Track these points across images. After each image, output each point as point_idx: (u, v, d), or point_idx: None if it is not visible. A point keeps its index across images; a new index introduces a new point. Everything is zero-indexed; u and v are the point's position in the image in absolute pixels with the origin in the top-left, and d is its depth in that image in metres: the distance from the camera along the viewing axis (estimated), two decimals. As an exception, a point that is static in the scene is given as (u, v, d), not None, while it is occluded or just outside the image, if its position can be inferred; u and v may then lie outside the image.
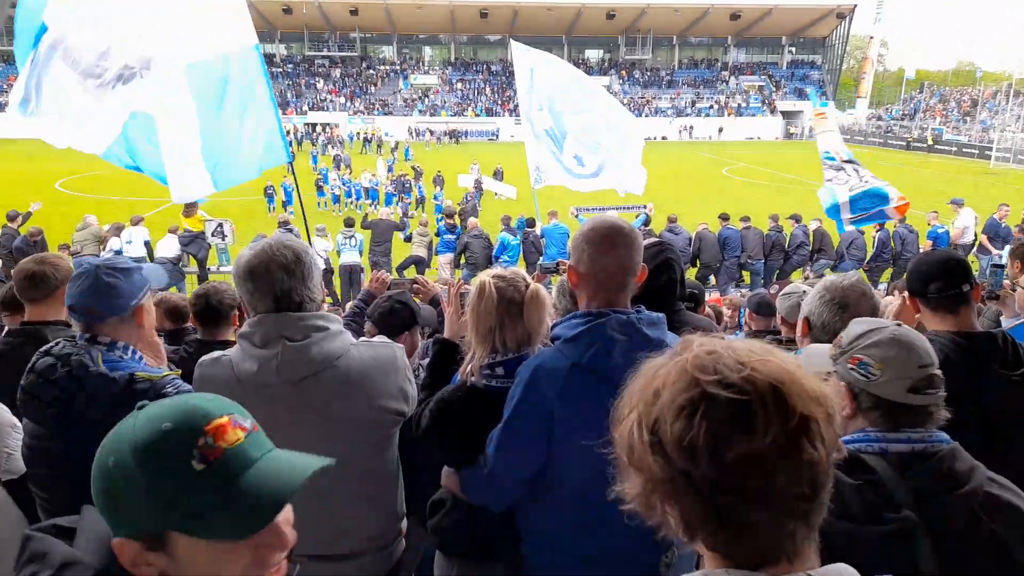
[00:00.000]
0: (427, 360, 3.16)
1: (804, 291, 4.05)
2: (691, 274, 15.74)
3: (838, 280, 2.98)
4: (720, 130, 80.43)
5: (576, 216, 15.33)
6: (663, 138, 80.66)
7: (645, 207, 15.98)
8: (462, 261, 15.97)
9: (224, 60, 6.92)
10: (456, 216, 17.29)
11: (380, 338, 2.84)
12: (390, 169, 39.15)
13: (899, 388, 2.08)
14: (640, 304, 2.59)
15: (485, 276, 2.85)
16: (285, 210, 25.08)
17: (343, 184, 30.19)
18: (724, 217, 16.65)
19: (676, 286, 3.46)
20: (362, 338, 2.78)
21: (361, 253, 15.72)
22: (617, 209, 15.81)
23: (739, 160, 52.35)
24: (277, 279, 2.50)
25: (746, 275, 16.41)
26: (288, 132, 57.70)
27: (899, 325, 2.18)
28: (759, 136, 79.71)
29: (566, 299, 3.38)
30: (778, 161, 51.03)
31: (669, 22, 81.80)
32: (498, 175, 34.45)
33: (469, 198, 25.68)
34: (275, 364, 2.47)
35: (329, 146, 55.10)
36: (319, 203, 29.12)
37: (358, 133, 67.74)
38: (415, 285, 4.59)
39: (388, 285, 4.46)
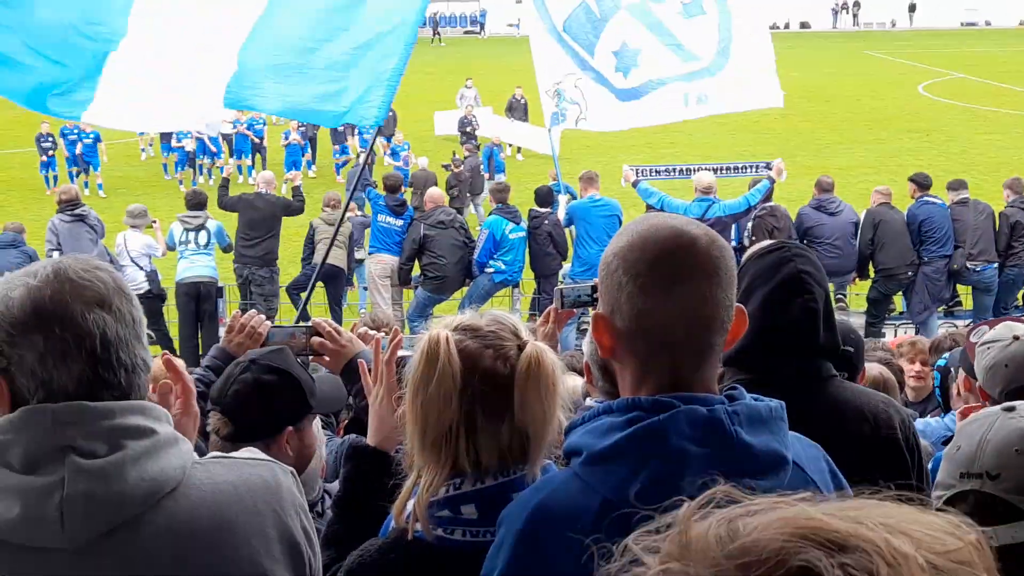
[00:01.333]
0: (336, 485, 2.63)
1: (1016, 338, 3.45)
2: (855, 298, 12.75)
3: None
4: (912, 8, 62.36)
5: (635, 184, 11.61)
6: (803, 25, 63.18)
7: (768, 166, 12.04)
8: (415, 272, 11.64)
9: None
10: (408, 189, 13.51)
11: (247, 450, 2.07)
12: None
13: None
14: (739, 374, 2.22)
15: (440, 328, 2.12)
16: (74, 179, 20.78)
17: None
18: (921, 182, 12.16)
19: (815, 327, 2.74)
20: (213, 452, 2.09)
21: (227, 252, 12.24)
22: (715, 170, 12.58)
23: (946, 66, 40.17)
24: (89, 329, 1.74)
25: (965, 292, 12.64)
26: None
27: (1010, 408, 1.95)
28: (987, 21, 62.17)
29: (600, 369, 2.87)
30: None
31: None
32: (516, 107, 23.97)
33: (470, 153, 17.37)
34: (55, 507, 1.68)
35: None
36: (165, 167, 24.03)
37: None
38: (315, 337, 3.33)
39: (264, 338, 3.54)
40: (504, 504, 1.91)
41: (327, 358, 3.45)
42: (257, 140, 24.04)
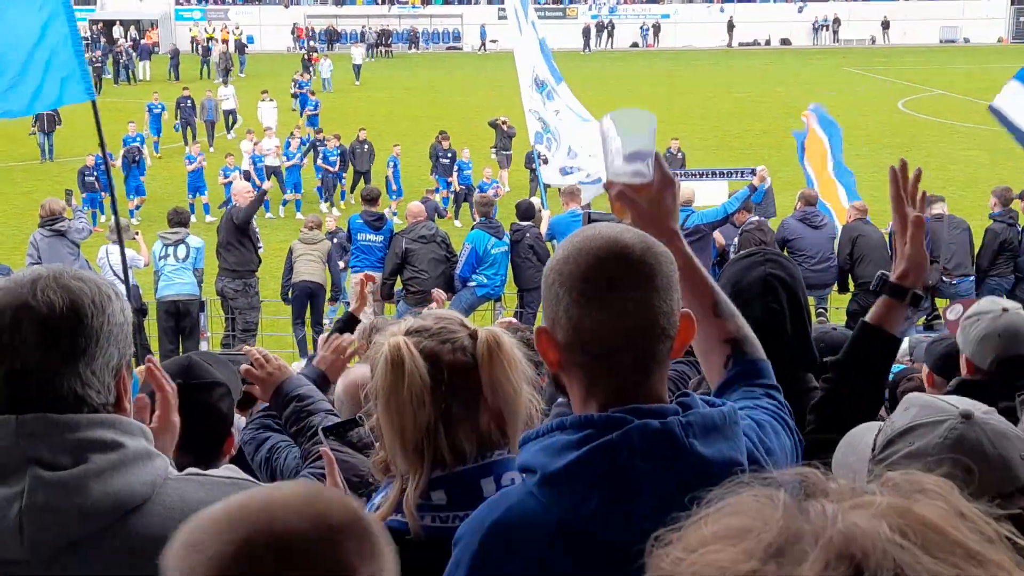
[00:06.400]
0: None
1: (1005, 310, 3.50)
2: (836, 310, 12.65)
3: None
4: (885, 25, 62.30)
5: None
6: (783, 42, 63.32)
7: (753, 172, 12.29)
8: (397, 287, 11.69)
9: None
10: (376, 201, 12.41)
11: (227, 467, 2.10)
12: (312, 121, 29.73)
13: None
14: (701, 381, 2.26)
15: (394, 336, 2.13)
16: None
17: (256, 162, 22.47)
18: (899, 193, 11.20)
19: (777, 329, 2.73)
20: (190, 469, 1.95)
21: (199, 273, 11.76)
22: (701, 175, 13.61)
23: (926, 83, 40.36)
24: (20, 346, 1.72)
25: (943, 305, 11.79)
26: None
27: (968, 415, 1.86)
28: (966, 38, 62.38)
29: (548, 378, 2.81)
30: (1003, 85, 38.97)
31: None
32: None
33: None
34: (14, 518, 1.67)
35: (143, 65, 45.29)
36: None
37: (194, 38, 53.08)
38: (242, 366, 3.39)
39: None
40: (473, 489, 1.98)
41: (256, 386, 3.43)
42: (333, 171, 22.50)
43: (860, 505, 0.82)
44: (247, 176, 20.90)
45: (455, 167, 21.71)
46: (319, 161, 22.30)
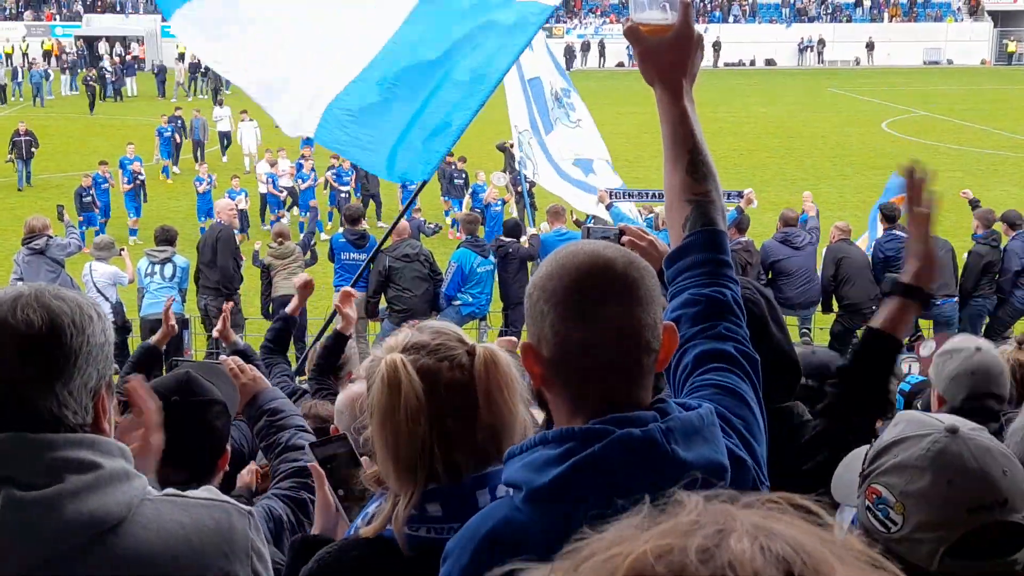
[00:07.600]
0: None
1: (978, 349, 3.59)
2: (820, 330, 12.53)
3: None
4: (870, 47, 63.15)
5: (609, 207, 12.01)
6: (768, 62, 63.47)
7: (740, 195, 12.05)
8: (382, 305, 11.58)
9: None
10: (359, 220, 12.31)
11: (206, 488, 2.00)
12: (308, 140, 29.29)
13: (929, 550, 1.80)
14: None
15: (390, 354, 2.09)
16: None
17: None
18: (887, 214, 12.21)
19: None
20: (168, 489, 1.93)
21: (182, 293, 11.65)
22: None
23: (909, 104, 40.68)
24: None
25: (926, 327, 11.96)
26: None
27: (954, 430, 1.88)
28: (949, 60, 63.13)
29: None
30: (986, 107, 40.08)
31: None
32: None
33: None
34: None
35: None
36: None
37: (182, 54, 48.19)
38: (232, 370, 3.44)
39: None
40: (468, 501, 1.96)
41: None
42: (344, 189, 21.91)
43: (722, 502, 0.93)
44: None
45: (469, 189, 21.34)
46: (332, 181, 21.79)
